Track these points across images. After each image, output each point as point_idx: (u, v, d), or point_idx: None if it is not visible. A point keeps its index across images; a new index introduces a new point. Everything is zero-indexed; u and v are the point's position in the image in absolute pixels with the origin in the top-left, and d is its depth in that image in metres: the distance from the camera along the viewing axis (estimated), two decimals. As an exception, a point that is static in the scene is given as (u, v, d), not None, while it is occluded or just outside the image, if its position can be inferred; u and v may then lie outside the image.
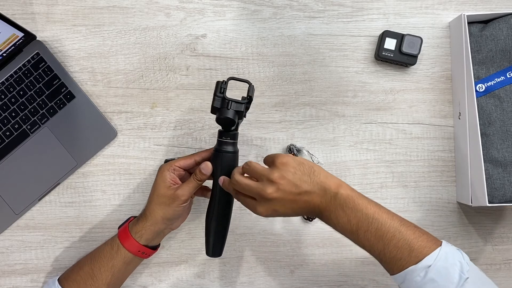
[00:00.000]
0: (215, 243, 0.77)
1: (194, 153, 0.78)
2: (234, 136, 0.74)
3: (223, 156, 0.73)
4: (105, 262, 0.76)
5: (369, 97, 0.90)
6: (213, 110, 0.73)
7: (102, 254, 0.76)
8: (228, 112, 0.71)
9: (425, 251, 0.63)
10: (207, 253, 0.77)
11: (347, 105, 0.90)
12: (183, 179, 0.77)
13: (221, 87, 0.72)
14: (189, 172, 0.78)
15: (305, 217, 0.88)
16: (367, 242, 0.66)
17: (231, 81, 0.73)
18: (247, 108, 0.73)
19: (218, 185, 0.74)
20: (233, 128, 0.73)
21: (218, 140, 0.74)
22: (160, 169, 0.76)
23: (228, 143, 0.73)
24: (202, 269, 0.88)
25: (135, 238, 0.75)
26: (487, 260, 0.90)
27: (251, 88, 0.73)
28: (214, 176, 0.74)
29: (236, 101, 0.72)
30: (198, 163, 0.76)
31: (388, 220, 0.65)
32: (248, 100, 0.73)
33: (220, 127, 0.74)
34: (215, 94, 0.72)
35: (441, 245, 0.64)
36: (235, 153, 0.74)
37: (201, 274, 0.88)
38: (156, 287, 0.87)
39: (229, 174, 0.73)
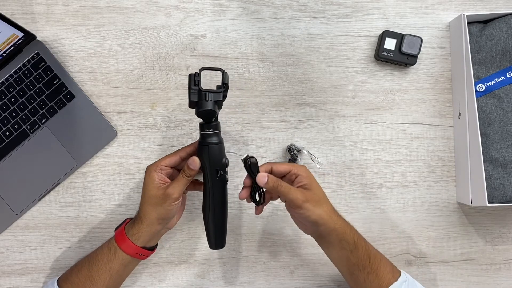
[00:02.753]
0: (217, 236, 0.76)
1: (178, 150, 0.77)
2: (217, 127, 0.73)
3: (209, 148, 0.72)
4: (103, 264, 0.75)
5: (369, 97, 0.90)
6: (191, 104, 0.71)
7: (100, 257, 0.76)
8: (208, 104, 0.70)
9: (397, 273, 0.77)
10: (211, 247, 0.77)
11: (347, 105, 0.90)
12: (171, 177, 0.76)
13: (194, 79, 0.70)
14: (176, 169, 0.77)
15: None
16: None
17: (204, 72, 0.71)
18: (224, 96, 0.72)
19: (211, 178, 0.73)
20: (213, 119, 0.72)
21: (201, 133, 0.73)
22: (147, 171, 0.75)
23: (211, 135, 0.72)
24: (202, 269, 0.88)
25: (132, 241, 0.75)
26: (487, 260, 0.90)
27: (225, 76, 0.72)
28: (203, 169, 0.73)
29: (213, 91, 0.70)
30: (183, 159, 0.76)
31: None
32: (224, 88, 0.72)
33: (201, 120, 0.73)
34: (190, 88, 0.70)
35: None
36: (221, 143, 0.73)
37: (201, 274, 0.88)
38: (156, 287, 0.87)
39: (218, 165, 0.72)
